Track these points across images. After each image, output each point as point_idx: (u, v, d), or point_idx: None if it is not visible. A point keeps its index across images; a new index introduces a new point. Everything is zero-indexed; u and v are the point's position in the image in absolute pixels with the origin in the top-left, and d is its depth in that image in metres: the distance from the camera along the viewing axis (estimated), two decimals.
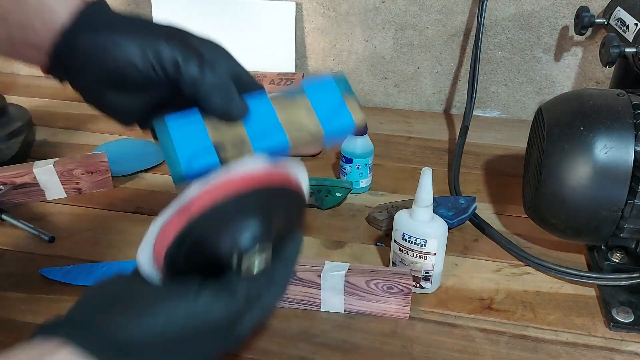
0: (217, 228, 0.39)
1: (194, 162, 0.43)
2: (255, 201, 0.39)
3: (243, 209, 0.39)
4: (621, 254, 0.67)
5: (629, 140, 0.57)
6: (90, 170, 0.82)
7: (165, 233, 0.39)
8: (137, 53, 0.41)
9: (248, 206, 0.39)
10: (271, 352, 0.57)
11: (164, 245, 0.39)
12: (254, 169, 0.40)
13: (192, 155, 0.43)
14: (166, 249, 0.39)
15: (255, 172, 0.40)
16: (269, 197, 0.40)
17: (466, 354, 0.57)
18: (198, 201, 0.38)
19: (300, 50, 1.12)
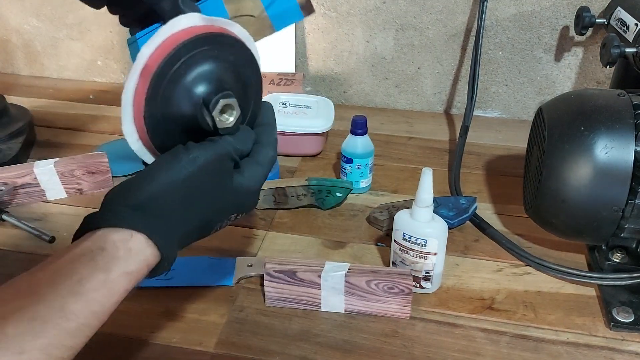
0: (179, 79, 0.43)
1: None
2: (202, 45, 0.43)
3: (194, 53, 0.43)
4: (622, 253, 0.67)
5: (629, 140, 0.57)
6: (90, 170, 0.82)
7: (137, 98, 0.43)
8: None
9: (197, 50, 0.43)
10: (272, 352, 0.57)
11: (140, 110, 0.43)
12: (194, 22, 0.44)
13: None
14: (143, 113, 0.43)
15: (196, 25, 0.44)
16: (214, 41, 0.44)
17: (467, 354, 0.57)
18: (152, 58, 0.42)
19: (301, 50, 1.12)
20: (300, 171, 0.90)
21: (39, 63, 1.26)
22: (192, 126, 0.44)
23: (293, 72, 1.09)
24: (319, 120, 0.90)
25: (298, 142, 0.91)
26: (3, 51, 1.26)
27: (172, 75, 0.42)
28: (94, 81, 1.24)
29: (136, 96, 0.43)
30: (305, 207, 0.80)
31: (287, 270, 0.60)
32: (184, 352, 0.57)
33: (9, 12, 1.21)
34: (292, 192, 0.78)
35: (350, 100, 1.15)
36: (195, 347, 0.58)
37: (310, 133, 0.90)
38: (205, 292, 0.64)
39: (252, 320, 0.61)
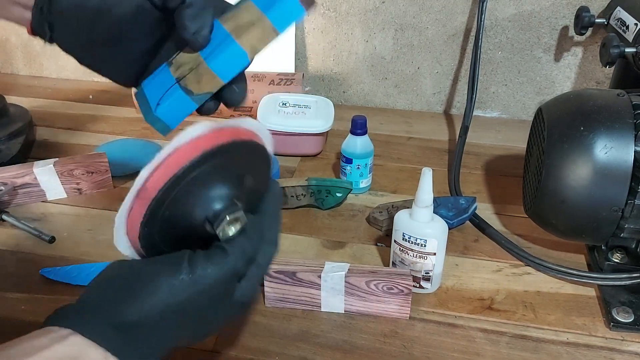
0: (180, 201, 0.39)
1: (163, 103, 0.45)
2: (209, 162, 0.39)
3: (199, 173, 0.39)
4: (621, 254, 0.67)
5: (629, 140, 0.57)
6: (90, 170, 0.82)
7: (131, 223, 0.39)
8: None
9: (203, 169, 0.39)
10: (271, 353, 0.57)
11: (135, 234, 0.40)
12: (198, 133, 0.39)
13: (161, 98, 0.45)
14: (138, 237, 0.40)
15: (201, 135, 0.39)
16: (221, 154, 0.40)
17: (466, 354, 0.57)
18: (152, 181, 0.38)
19: (301, 50, 1.12)
20: (299, 171, 0.90)
21: (38, 63, 1.26)
22: (193, 239, 0.41)
23: (293, 72, 1.09)
24: (318, 120, 0.90)
25: (298, 142, 0.91)
26: (2, 51, 1.26)
27: (171, 202, 0.39)
28: (93, 81, 1.24)
29: (130, 217, 0.39)
30: (304, 207, 0.80)
31: (286, 270, 0.60)
32: (183, 352, 0.57)
33: None
34: (291, 192, 0.78)
35: (350, 100, 1.15)
36: (195, 346, 0.58)
37: (309, 133, 0.90)
38: None
39: (252, 320, 0.61)
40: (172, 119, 0.45)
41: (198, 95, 0.44)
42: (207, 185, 0.40)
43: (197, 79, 0.44)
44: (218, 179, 0.40)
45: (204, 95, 0.45)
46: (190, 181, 0.39)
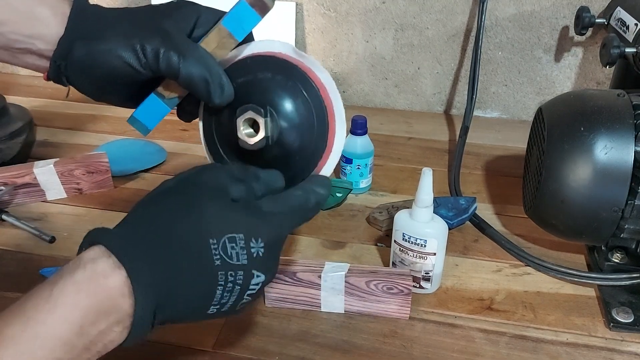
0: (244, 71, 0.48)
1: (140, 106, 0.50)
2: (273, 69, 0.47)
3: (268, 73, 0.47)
4: (621, 254, 0.67)
5: (629, 140, 0.57)
6: (90, 170, 0.82)
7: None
8: (130, 56, 0.45)
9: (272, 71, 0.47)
10: (271, 352, 0.57)
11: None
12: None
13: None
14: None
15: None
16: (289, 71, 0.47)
17: (466, 354, 0.57)
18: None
19: (301, 50, 1.11)
20: None
21: None
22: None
23: None
24: None
25: None
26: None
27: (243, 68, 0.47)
28: None
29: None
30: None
31: (286, 270, 0.60)
32: (183, 352, 0.57)
33: None
34: None
35: (350, 100, 1.15)
36: (194, 346, 0.58)
37: None
38: None
39: (251, 320, 0.61)
40: (149, 120, 0.50)
41: (169, 99, 0.49)
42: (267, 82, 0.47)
43: (166, 86, 0.49)
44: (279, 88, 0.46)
45: (173, 99, 0.49)
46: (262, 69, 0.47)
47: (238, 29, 0.47)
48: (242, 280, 0.39)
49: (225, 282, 0.38)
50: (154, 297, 0.36)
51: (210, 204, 0.39)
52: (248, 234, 0.39)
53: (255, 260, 0.39)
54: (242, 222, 0.39)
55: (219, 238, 0.38)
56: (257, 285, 0.40)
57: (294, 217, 0.44)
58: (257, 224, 0.40)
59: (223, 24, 0.47)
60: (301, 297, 0.61)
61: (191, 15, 0.48)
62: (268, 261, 0.40)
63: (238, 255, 0.38)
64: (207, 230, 0.38)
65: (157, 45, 0.44)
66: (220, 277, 0.38)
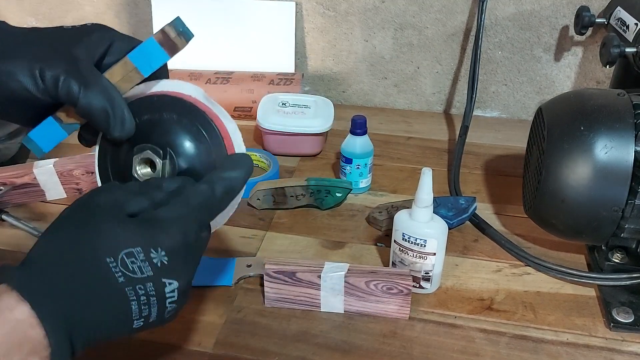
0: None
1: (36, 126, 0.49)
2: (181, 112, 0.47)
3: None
4: (621, 254, 0.67)
5: (629, 140, 0.57)
6: (90, 170, 0.81)
7: None
8: (28, 81, 0.43)
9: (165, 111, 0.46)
10: (270, 353, 0.57)
11: None
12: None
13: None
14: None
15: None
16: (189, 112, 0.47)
17: (466, 354, 0.57)
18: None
19: (300, 50, 1.11)
20: (299, 171, 0.90)
21: None
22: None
23: (293, 71, 1.09)
24: (318, 120, 0.90)
25: (297, 142, 0.91)
26: None
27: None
28: None
29: None
30: (304, 207, 0.80)
31: (286, 270, 0.60)
32: (183, 352, 0.57)
33: (7, 12, 1.21)
34: (291, 192, 0.78)
35: (349, 100, 1.15)
36: (194, 347, 0.58)
37: (309, 133, 0.90)
38: (204, 292, 0.64)
39: (251, 320, 0.61)
40: (44, 142, 0.49)
41: (67, 125, 0.48)
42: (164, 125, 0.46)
43: (66, 111, 0.47)
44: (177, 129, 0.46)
45: (72, 125, 0.48)
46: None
47: (145, 65, 0.46)
48: (155, 291, 0.39)
49: (137, 296, 0.38)
50: (64, 324, 0.36)
51: (103, 223, 0.39)
52: (146, 245, 0.39)
53: (161, 269, 0.39)
54: (137, 235, 0.39)
55: (116, 255, 0.38)
56: (174, 293, 0.40)
57: (199, 214, 0.42)
58: (153, 234, 0.39)
59: (130, 57, 0.46)
60: (301, 297, 0.61)
61: (102, 42, 0.46)
62: (177, 267, 0.40)
63: (141, 268, 0.38)
64: (102, 250, 0.38)
65: (58, 72, 0.43)
66: (129, 293, 0.38)
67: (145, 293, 0.38)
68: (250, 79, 1.03)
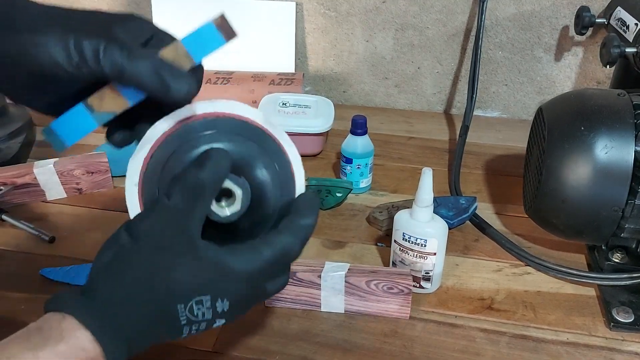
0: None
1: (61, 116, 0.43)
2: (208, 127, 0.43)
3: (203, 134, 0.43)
4: (621, 253, 0.67)
5: (629, 140, 0.57)
6: (90, 170, 0.82)
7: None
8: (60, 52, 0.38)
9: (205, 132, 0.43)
10: (271, 352, 0.57)
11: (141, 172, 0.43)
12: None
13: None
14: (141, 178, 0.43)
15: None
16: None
17: (467, 354, 0.57)
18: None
19: (301, 50, 1.11)
20: None
21: None
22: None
23: (293, 72, 1.09)
24: (318, 120, 0.90)
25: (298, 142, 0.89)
26: None
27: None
28: None
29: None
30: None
31: None
32: (183, 352, 0.57)
33: None
34: None
35: (350, 100, 1.15)
36: (195, 346, 0.58)
37: (310, 133, 0.90)
38: None
39: (252, 320, 0.61)
40: (68, 134, 0.42)
41: (99, 114, 0.41)
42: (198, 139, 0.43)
43: (100, 96, 0.41)
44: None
45: (105, 114, 0.41)
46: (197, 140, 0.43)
47: (198, 51, 0.41)
48: (204, 328, 0.40)
49: (188, 332, 0.39)
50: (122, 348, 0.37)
51: (178, 264, 0.38)
52: (215, 294, 0.38)
53: (220, 314, 0.39)
54: (210, 283, 0.38)
55: (187, 303, 0.38)
56: (217, 326, 0.41)
57: (269, 271, 0.41)
58: (225, 285, 0.39)
59: (183, 41, 0.41)
60: (301, 296, 0.61)
61: (145, 31, 0.42)
62: (233, 314, 0.40)
63: (204, 314, 0.39)
64: (176, 296, 0.38)
65: (98, 42, 0.38)
66: (185, 330, 0.39)
67: (197, 329, 0.40)
68: (251, 79, 1.03)
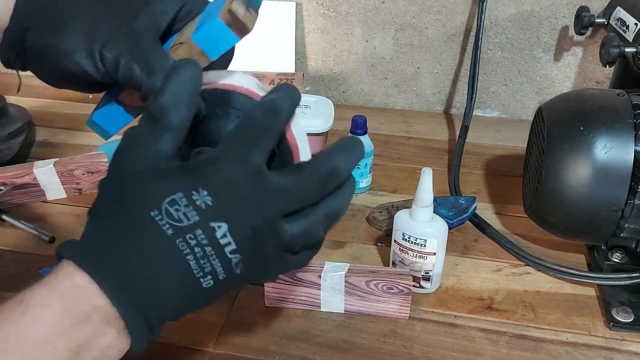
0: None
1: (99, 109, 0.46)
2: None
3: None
4: (621, 253, 0.67)
5: (629, 140, 0.57)
6: (90, 170, 0.82)
7: None
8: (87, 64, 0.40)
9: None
10: (271, 352, 0.57)
11: None
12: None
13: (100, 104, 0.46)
14: None
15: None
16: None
17: (466, 354, 0.57)
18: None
19: (301, 50, 1.12)
20: None
21: None
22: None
23: (293, 72, 1.09)
24: (318, 120, 0.90)
25: None
26: None
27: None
28: None
29: None
30: None
31: None
32: (183, 352, 0.57)
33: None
34: None
35: (350, 100, 1.15)
36: (195, 346, 0.58)
37: (309, 133, 0.89)
38: None
39: (252, 320, 0.61)
40: (110, 125, 0.46)
41: (133, 108, 0.45)
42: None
43: (129, 93, 0.44)
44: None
45: (138, 108, 0.45)
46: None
47: (212, 48, 0.41)
48: (207, 239, 0.35)
49: (190, 248, 0.34)
50: (127, 290, 0.34)
51: (140, 180, 0.35)
52: (186, 189, 0.34)
53: (207, 212, 0.34)
54: (177, 181, 0.35)
55: (159, 206, 0.34)
56: (227, 237, 0.35)
57: (249, 150, 0.36)
58: (193, 177, 0.35)
59: (194, 40, 0.40)
60: (301, 297, 0.61)
61: (171, 6, 0.42)
62: (222, 207, 0.35)
63: (186, 214, 0.34)
64: (145, 205, 0.35)
65: (119, 52, 0.39)
66: (181, 245, 0.34)
67: (197, 243, 0.34)
68: None
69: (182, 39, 0.42)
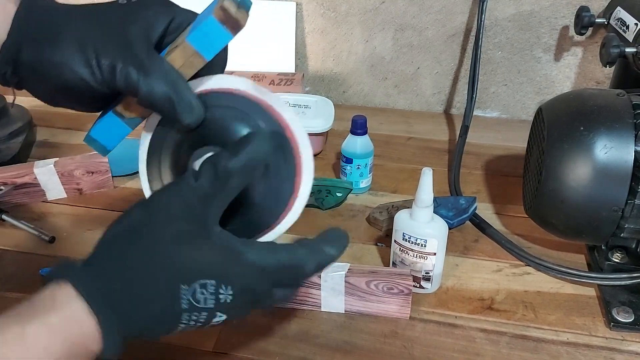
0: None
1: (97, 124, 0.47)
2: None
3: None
4: (621, 253, 0.67)
5: (629, 140, 0.57)
6: (90, 170, 0.82)
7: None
8: (84, 72, 0.41)
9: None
10: (271, 353, 0.57)
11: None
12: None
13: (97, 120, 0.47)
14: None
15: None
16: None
17: (467, 354, 0.57)
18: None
19: (301, 50, 1.12)
20: None
21: None
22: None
23: (293, 72, 1.09)
24: (318, 120, 0.90)
25: None
26: None
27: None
28: None
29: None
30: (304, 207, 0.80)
31: None
32: (184, 352, 0.57)
33: None
34: None
35: (350, 100, 1.15)
36: (195, 347, 0.58)
37: (309, 133, 0.89)
38: None
39: (252, 320, 0.61)
40: (108, 140, 0.47)
41: (130, 119, 0.45)
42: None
43: (126, 104, 0.44)
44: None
45: (135, 119, 0.45)
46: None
47: (206, 48, 0.41)
48: (204, 319, 0.38)
49: (187, 321, 0.38)
50: (122, 340, 0.37)
51: (184, 243, 0.37)
52: (220, 280, 0.37)
53: (222, 306, 0.38)
54: (216, 266, 0.37)
55: (191, 283, 0.36)
56: (219, 322, 0.39)
57: (279, 275, 0.40)
58: (230, 269, 0.38)
59: (189, 41, 0.41)
60: (301, 297, 0.61)
61: (162, 18, 0.42)
62: (235, 307, 0.39)
63: (206, 300, 0.37)
64: (180, 275, 0.36)
65: (114, 59, 0.40)
66: (184, 318, 0.37)
67: (196, 320, 0.38)
68: (251, 79, 1.03)
69: (175, 44, 0.43)
